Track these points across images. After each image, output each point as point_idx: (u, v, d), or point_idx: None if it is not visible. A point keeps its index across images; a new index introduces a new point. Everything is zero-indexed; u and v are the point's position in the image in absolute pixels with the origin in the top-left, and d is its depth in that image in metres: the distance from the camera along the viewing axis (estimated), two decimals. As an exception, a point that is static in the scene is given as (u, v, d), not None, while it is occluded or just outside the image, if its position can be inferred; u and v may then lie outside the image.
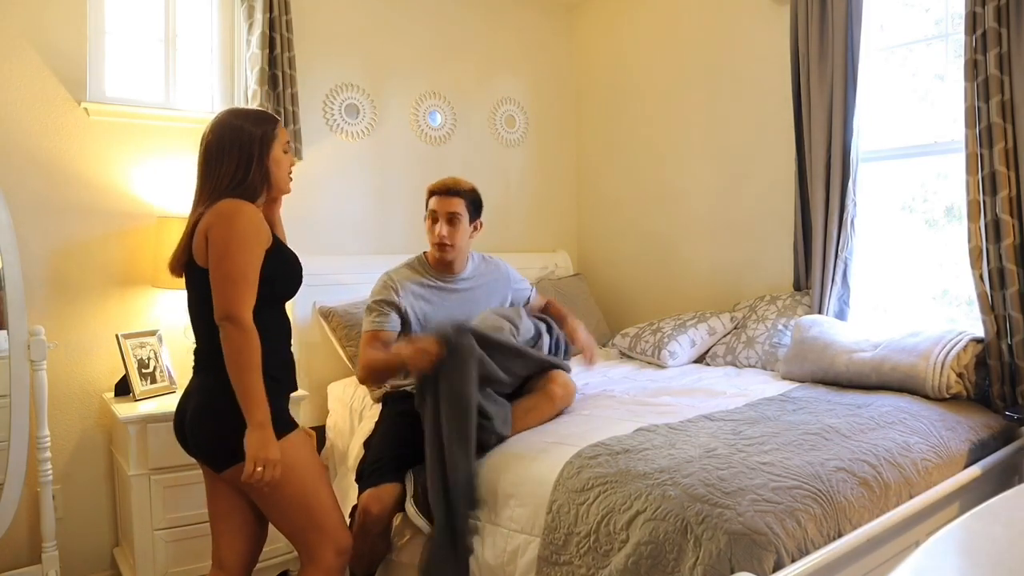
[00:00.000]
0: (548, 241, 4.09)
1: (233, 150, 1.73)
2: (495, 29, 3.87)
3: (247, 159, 1.73)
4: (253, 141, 1.74)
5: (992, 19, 2.34)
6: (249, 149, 1.74)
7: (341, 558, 1.80)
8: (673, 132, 3.69)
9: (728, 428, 2.00)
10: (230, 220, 1.65)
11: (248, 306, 1.64)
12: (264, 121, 1.79)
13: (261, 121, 1.78)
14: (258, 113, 1.83)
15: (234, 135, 1.74)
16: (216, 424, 1.68)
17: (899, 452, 1.88)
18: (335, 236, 3.31)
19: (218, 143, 1.74)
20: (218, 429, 1.67)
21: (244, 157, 1.73)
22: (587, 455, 1.82)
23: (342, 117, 3.33)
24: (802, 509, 1.52)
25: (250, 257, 1.66)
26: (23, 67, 2.57)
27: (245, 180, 1.73)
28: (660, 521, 1.52)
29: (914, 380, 2.35)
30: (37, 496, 2.46)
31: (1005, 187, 2.34)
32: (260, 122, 1.78)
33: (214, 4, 3.02)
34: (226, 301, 1.62)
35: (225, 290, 1.62)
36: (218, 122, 1.77)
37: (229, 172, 1.72)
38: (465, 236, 2.43)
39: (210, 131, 1.76)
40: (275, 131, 1.79)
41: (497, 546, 1.86)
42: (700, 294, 3.56)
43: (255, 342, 1.63)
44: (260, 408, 1.62)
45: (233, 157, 1.72)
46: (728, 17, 3.41)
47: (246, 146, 1.74)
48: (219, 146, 1.74)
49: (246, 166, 1.73)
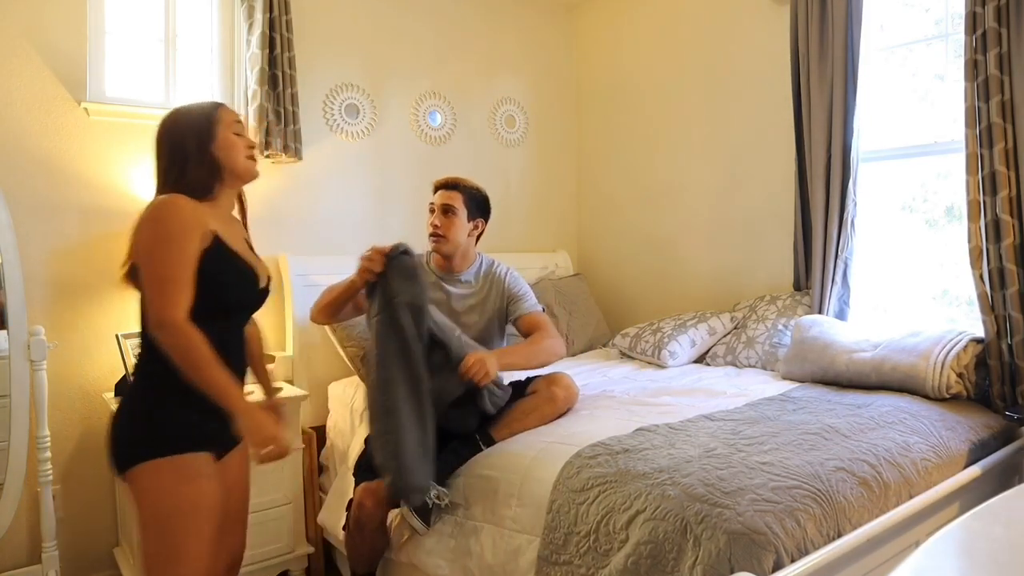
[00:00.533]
0: (548, 241, 4.09)
1: (164, 148, 1.61)
2: (495, 29, 3.87)
3: (181, 156, 1.59)
4: (187, 136, 1.60)
5: (992, 19, 2.34)
6: (182, 145, 1.60)
7: None
8: (673, 132, 3.69)
9: (728, 428, 2.00)
10: (153, 217, 1.51)
11: (180, 307, 1.47)
12: (200, 111, 1.65)
13: (196, 112, 1.64)
14: (196, 105, 1.68)
15: (167, 134, 1.62)
16: (117, 428, 1.55)
17: (899, 452, 1.88)
18: (335, 236, 3.31)
19: (156, 143, 1.63)
20: (117, 433, 1.55)
21: (178, 155, 1.59)
22: (587, 455, 1.82)
23: (342, 117, 3.33)
24: (801, 509, 1.52)
25: (179, 256, 1.49)
26: (23, 67, 2.57)
27: (183, 177, 1.58)
28: (660, 521, 1.52)
29: (914, 380, 2.35)
30: (37, 496, 2.46)
31: (1005, 187, 2.34)
32: (195, 114, 1.64)
33: (214, 4, 3.02)
34: (157, 306, 1.47)
35: (154, 294, 1.48)
36: (160, 122, 1.65)
37: (163, 170, 1.60)
38: (460, 230, 2.41)
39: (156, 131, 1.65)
40: (216, 115, 1.64)
41: (497, 546, 1.86)
42: (700, 294, 3.56)
43: (196, 337, 1.46)
44: (232, 396, 1.49)
45: (164, 155, 1.61)
46: (728, 17, 3.41)
47: (178, 143, 1.60)
48: (156, 145, 1.63)
49: (181, 163, 1.59)
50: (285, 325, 3.12)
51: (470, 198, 2.43)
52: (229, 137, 1.64)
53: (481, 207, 2.47)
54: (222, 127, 1.64)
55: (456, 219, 2.40)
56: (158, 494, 1.50)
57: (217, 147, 1.62)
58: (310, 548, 2.74)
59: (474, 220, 2.46)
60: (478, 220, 2.47)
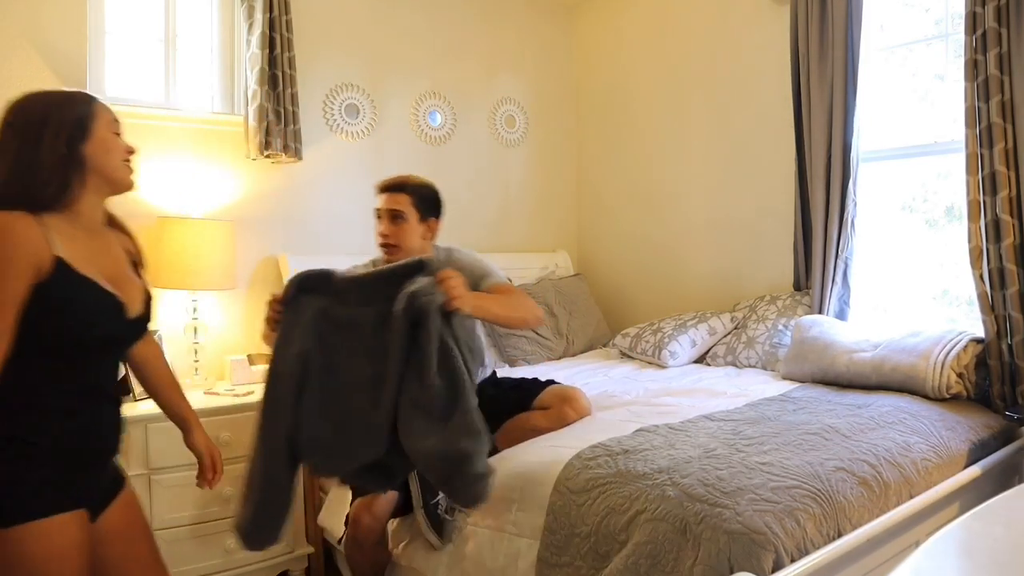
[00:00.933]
0: (548, 241, 4.09)
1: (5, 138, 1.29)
2: (495, 29, 3.87)
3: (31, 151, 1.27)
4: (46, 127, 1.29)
5: (992, 19, 2.34)
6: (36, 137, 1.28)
7: None
8: (673, 132, 3.69)
9: (728, 428, 1.99)
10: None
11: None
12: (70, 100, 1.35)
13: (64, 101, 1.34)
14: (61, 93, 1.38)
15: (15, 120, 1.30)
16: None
17: (899, 452, 1.88)
18: (335, 236, 3.31)
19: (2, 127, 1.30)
20: None
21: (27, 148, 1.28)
22: (587, 456, 1.82)
23: (342, 117, 3.33)
24: (801, 509, 1.52)
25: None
26: (23, 67, 2.56)
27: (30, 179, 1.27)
28: (659, 521, 1.52)
29: (914, 380, 2.35)
30: (37, 496, 2.45)
31: (1005, 187, 2.34)
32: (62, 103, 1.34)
33: (214, 4, 3.02)
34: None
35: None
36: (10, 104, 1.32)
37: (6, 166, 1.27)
38: (412, 235, 2.18)
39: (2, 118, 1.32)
40: (92, 110, 1.36)
41: (496, 550, 1.85)
42: (700, 294, 3.56)
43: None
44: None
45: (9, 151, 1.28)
46: (728, 17, 3.41)
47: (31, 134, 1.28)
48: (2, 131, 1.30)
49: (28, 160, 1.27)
50: (285, 325, 3.12)
51: (419, 199, 2.19)
52: (108, 137, 1.38)
53: (432, 205, 2.23)
54: (100, 124, 1.37)
55: (406, 224, 2.16)
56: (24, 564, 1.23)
57: (91, 147, 1.34)
58: (310, 548, 2.74)
59: (426, 221, 2.21)
60: (430, 220, 2.22)
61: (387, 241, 2.17)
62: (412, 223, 2.17)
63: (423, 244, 2.21)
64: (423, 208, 2.20)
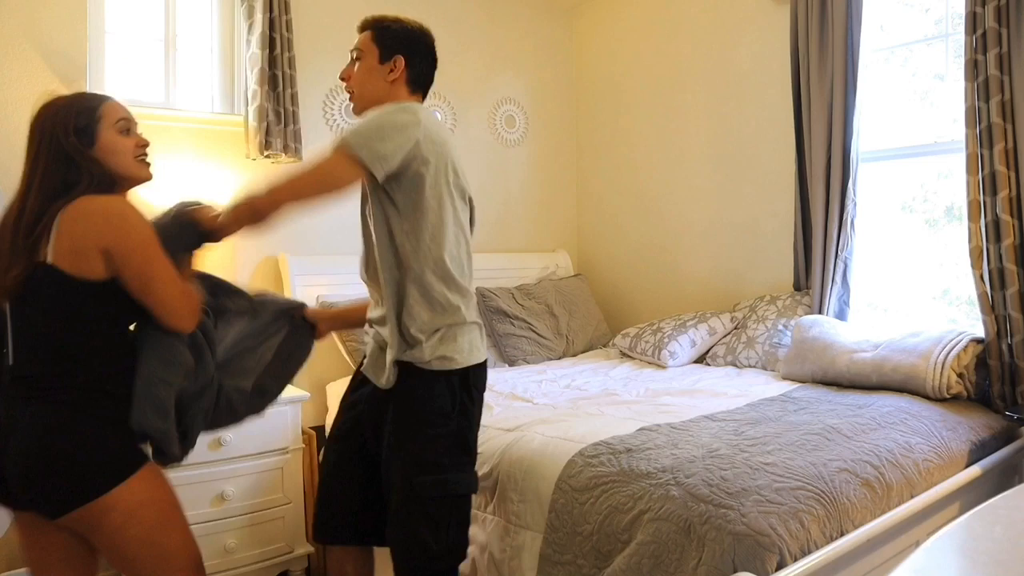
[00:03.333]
0: (548, 241, 4.09)
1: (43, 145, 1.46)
2: (495, 29, 3.86)
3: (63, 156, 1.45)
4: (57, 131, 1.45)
5: (992, 19, 2.34)
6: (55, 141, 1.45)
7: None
8: (673, 132, 3.69)
9: (730, 428, 1.99)
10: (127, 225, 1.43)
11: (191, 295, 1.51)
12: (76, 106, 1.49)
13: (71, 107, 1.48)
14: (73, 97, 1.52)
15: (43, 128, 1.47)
16: (55, 464, 1.40)
17: (901, 453, 1.88)
18: (335, 236, 3.31)
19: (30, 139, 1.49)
20: (57, 469, 1.39)
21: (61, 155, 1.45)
22: (589, 454, 1.82)
23: (342, 117, 3.32)
24: (805, 510, 1.52)
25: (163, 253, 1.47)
26: (23, 67, 2.56)
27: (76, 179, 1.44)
28: (663, 521, 1.52)
29: (914, 380, 2.35)
30: (37, 496, 2.45)
31: (1005, 187, 2.34)
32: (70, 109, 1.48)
33: (214, 4, 3.02)
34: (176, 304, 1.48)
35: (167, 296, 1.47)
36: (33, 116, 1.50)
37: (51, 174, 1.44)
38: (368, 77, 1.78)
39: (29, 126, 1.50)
40: (97, 114, 1.48)
41: (503, 540, 1.85)
42: (700, 294, 3.56)
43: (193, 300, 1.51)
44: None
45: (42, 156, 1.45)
46: (728, 17, 3.41)
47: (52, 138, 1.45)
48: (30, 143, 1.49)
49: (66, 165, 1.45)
50: (285, 325, 3.12)
51: (381, 32, 1.79)
52: (113, 139, 1.49)
53: (398, 40, 1.78)
54: (104, 127, 1.49)
55: (362, 64, 1.78)
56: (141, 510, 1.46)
57: (98, 151, 1.47)
58: (310, 548, 2.74)
59: (392, 59, 1.77)
60: (396, 58, 1.77)
61: (346, 87, 1.83)
62: (369, 62, 1.78)
63: (387, 89, 1.78)
64: (386, 44, 1.78)
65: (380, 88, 1.78)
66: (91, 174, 1.45)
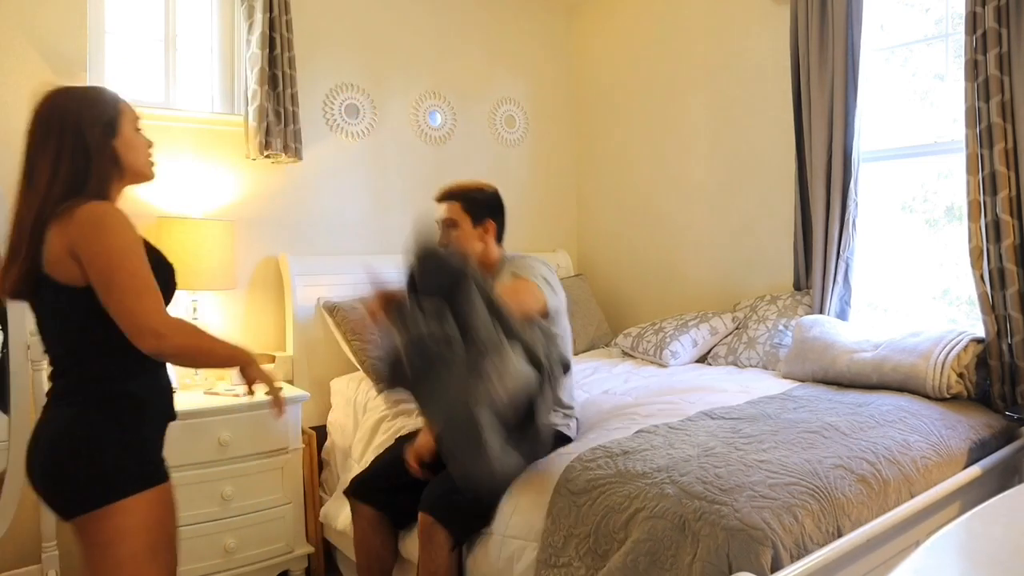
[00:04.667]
0: (548, 241, 4.09)
1: (65, 138, 1.41)
2: (495, 29, 3.87)
3: (84, 149, 1.42)
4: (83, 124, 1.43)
5: (992, 19, 2.34)
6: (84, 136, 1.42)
7: None
8: (673, 132, 3.69)
9: (727, 426, 2.00)
10: (101, 227, 1.37)
11: (162, 313, 1.41)
12: (98, 99, 1.48)
13: (94, 100, 1.48)
14: (91, 90, 1.53)
15: (62, 119, 1.42)
16: (70, 464, 1.40)
17: (898, 450, 1.88)
18: (335, 236, 3.31)
19: (45, 131, 1.43)
20: (71, 470, 1.40)
21: (80, 145, 1.42)
22: (587, 458, 1.82)
23: (342, 117, 3.33)
24: (799, 505, 1.52)
25: (139, 263, 1.40)
26: (23, 67, 2.56)
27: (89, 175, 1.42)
28: (658, 519, 1.52)
29: (915, 380, 2.35)
30: (37, 496, 2.45)
31: (1005, 187, 2.34)
32: (93, 101, 1.47)
33: (214, 4, 3.03)
34: (142, 316, 1.37)
35: (133, 305, 1.37)
36: (43, 104, 1.46)
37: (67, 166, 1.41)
38: (467, 241, 2.22)
39: (34, 116, 1.46)
40: (119, 108, 1.49)
41: (491, 553, 1.85)
42: (701, 294, 3.56)
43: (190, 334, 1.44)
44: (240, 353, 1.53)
45: (67, 147, 1.41)
46: (728, 17, 3.41)
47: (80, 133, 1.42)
48: (46, 135, 1.42)
49: (85, 158, 1.42)
50: (285, 325, 3.12)
51: (470, 203, 2.24)
52: (133, 135, 1.52)
53: (486, 207, 2.27)
54: (125, 122, 1.50)
55: (459, 231, 2.22)
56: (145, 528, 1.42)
57: (119, 143, 1.47)
58: (310, 548, 2.74)
59: (482, 224, 2.25)
60: (487, 222, 2.26)
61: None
62: (465, 229, 2.22)
63: (484, 248, 2.25)
64: (476, 211, 2.24)
65: (477, 248, 2.23)
66: (103, 167, 1.44)
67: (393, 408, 2.58)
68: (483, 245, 2.25)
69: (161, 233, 2.68)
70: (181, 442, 2.44)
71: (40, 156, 1.42)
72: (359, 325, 1.99)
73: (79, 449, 1.40)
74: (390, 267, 2.45)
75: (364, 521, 2.09)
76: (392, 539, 2.11)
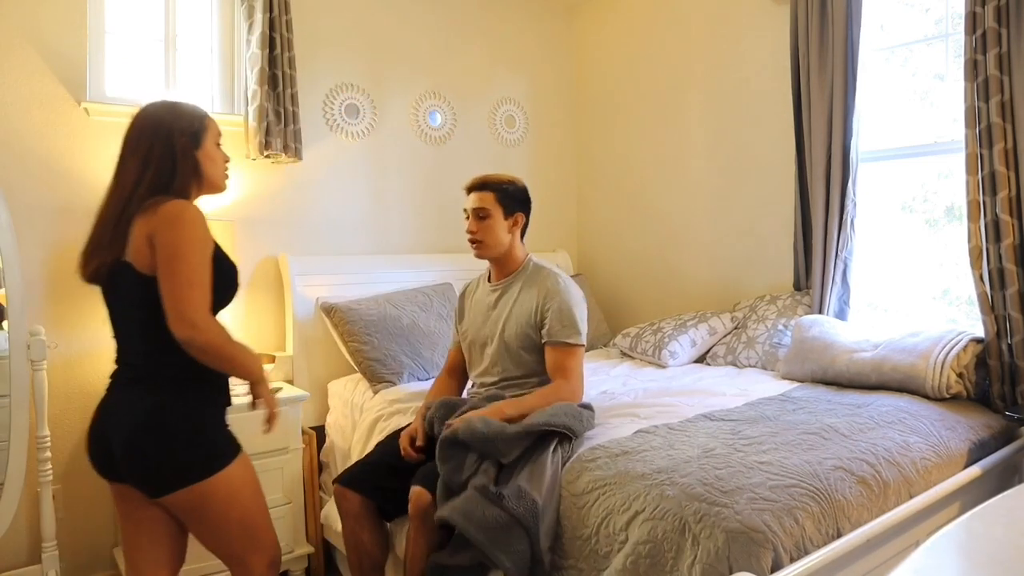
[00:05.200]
0: (548, 241, 4.09)
1: (156, 145, 1.60)
2: (495, 29, 3.87)
3: (171, 154, 1.60)
4: (174, 134, 1.61)
5: (992, 19, 2.34)
6: (172, 143, 1.60)
7: (273, 570, 1.75)
8: (673, 132, 3.69)
9: (727, 428, 2.00)
10: (178, 222, 1.53)
11: (205, 309, 1.53)
12: (188, 113, 1.66)
13: (184, 114, 1.66)
14: (183, 106, 1.69)
15: (157, 128, 1.61)
16: (162, 447, 1.55)
17: (898, 451, 1.88)
18: (335, 236, 3.31)
19: (138, 136, 1.61)
20: (164, 452, 1.55)
21: (168, 152, 1.60)
22: (586, 459, 1.82)
23: (342, 117, 3.33)
24: (800, 507, 1.52)
25: (201, 259, 1.54)
26: (23, 67, 2.57)
27: (173, 178, 1.60)
28: (658, 521, 1.52)
29: (914, 380, 2.35)
30: (37, 496, 2.45)
31: (1005, 187, 2.34)
32: (182, 115, 1.65)
33: (214, 4, 3.03)
34: (188, 307, 1.49)
35: (184, 295, 1.49)
36: (139, 114, 1.64)
37: (154, 169, 1.59)
38: (497, 231, 2.25)
39: (131, 124, 1.64)
40: (204, 123, 1.68)
41: None
42: (700, 294, 3.56)
43: (221, 335, 1.55)
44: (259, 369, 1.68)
45: (155, 153, 1.59)
46: (728, 17, 3.41)
47: (169, 140, 1.60)
48: (139, 140, 1.61)
49: (171, 162, 1.60)
50: (285, 325, 3.12)
51: (503, 194, 2.26)
52: (214, 150, 1.69)
53: (517, 200, 2.29)
54: (209, 137, 1.68)
55: (491, 221, 2.24)
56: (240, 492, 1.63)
57: (201, 155, 1.65)
58: (310, 548, 2.74)
59: (512, 216, 2.28)
60: (517, 215, 2.29)
61: (473, 238, 2.27)
62: (497, 219, 2.25)
63: (511, 240, 2.29)
64: (507, 203, 2.27)
65: (505, 240, 2.28)
66: (186, 174, 1.61)
67: (389, 408, 2.58)
68: (511, 238, 2.29)
69: (161, 233, 2.68)
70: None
71: (131, 158, 1.60)
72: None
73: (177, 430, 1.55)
74: (390, 267, 2.48)
75: (352, 512, 2.07)
76: (381, 531, 2.10)
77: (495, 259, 2.32)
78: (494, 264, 2.36)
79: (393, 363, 2.83)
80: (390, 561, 2.15)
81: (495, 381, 2.28)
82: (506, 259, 2.31)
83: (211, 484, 1.57)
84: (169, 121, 1.61)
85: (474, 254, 2.30)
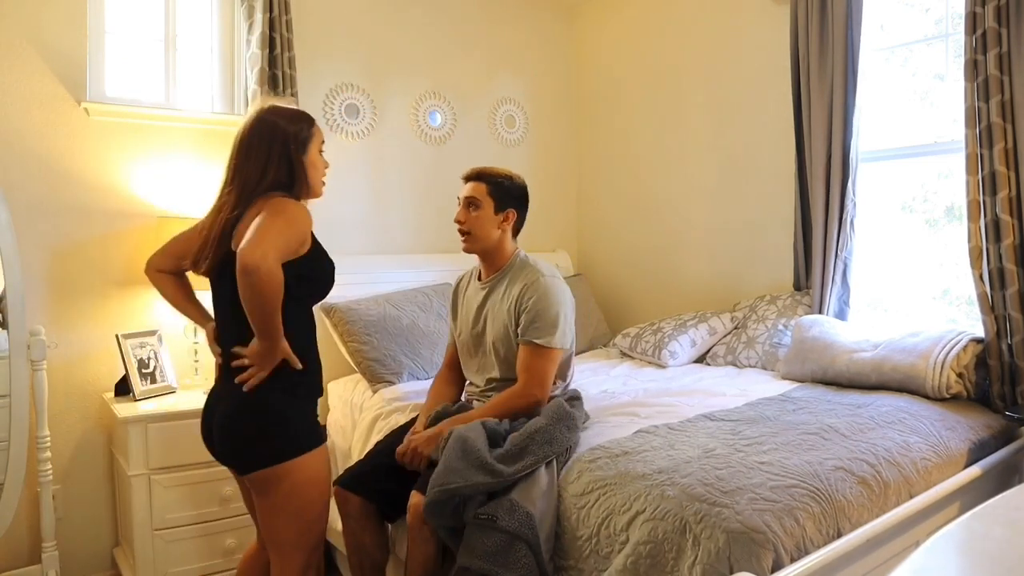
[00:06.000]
0: (548, 241, 4.09)
1: (274, 148, 1.68)
2: (495, 29, 3.87)
3: (287, 158, 1.69)
4: (288, 139, 1.69)
5: (992, 19, 2.34)
6: (286, 147, 1.69)
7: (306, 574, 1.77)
8: (673, 132, 3.69)
9: (727, 428, 2.00)
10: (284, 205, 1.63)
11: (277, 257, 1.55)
12: (300, 119, 1.74)
13: (297, 119, 1.73)
14: (294, 111, 1.77)
15: (271, 132, 1.69)
16: (251, 427, 1.65)
17: (898, 451, 1.88)
18: (335, 236, 3.30)
19: (253, 140, 1.69)
20: (253, 432, 1.65)
21: (284, 155, 1.69)
22: (587, 459, 1.82)
23: (342, 117, 3.33)
24: (800, 507, 1.52)
25: (291, 233, 1.61)
26: (23, 67, 2.57)
27: (291, 180, 1.69)
28: (659, 521, 1.52)
29: (914, 380, 2.35)
30: (37, 496, 2.46)
31: (1005, 187, 2.34)
32: (296, 120, 1.73)
33: (214, 4, 3.03)
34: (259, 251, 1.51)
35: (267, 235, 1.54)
36: (255, 118, 1.72)
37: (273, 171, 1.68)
38: (485, 224, 2.20)
39: (246, 128, 1.71)
40: (311, 130, 1.75)
41: None
42: (700, 294, 3.56)
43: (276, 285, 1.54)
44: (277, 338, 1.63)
45: (274, 155, 1.68)
46: (728, 17, 3.41)
47: (283, 144, 1.69)
48: (251, 143, 1.69)
49: (288, 165, 1.69)
50: (285, 325, 3.12)
51: (496, 188, 2.22)
52: (317, 156, 1.77)
53: (510, 195, 2.24)
54: (314, 144, 1.76)
55: (480, 212, 2.19)
56: (317, 479, 1.71)
57: (308, 161, 1.73)
58: (310, 548, 2.74)
59: (504, 211, 2.22)
60: (508, 211, 2.23)
61: (461, 228, 2.23)
62: (487, 212, 2.21)
63: (499, 236, 2.24)
64: (500, 197, 2.23)
65: (493, 234, 2.22)
66: (298, 179, 1.71)
67: (387, 406, 2.58)
68: (500, 233, 2.24)
69: (161, 233, 2.68)
70: (181, 442, 2.44)
71: (249, 161, 1.68)
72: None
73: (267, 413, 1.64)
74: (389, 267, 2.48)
75: (353, 513, 2.05)
76: (382, 533, 2.09)
77: (483, 253, 2.27)
78: (483, 260, 2.30)
79: (392, 363, 2.83)
80: (391, 562, 2.15)
81: (487, 381, 2.27)
82: (494, 254, 2.26)
83: (285, 468, 1.64)
84: (283, 126, 1.70)
85: (463, 247, 2.26)
